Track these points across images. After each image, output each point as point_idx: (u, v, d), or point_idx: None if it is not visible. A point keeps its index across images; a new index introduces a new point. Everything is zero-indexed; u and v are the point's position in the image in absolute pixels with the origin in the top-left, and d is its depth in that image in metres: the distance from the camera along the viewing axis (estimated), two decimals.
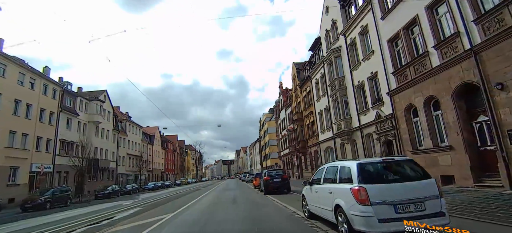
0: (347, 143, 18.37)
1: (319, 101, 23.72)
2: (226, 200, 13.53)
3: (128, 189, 31.87)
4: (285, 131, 38.02)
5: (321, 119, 23.53)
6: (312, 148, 26.26)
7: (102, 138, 36.40)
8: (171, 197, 19.45)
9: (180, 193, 24.83)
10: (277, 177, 14.72)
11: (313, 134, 25.95)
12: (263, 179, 15.42)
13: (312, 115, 25.64)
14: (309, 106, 26.53)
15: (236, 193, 17.84)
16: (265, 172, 15.74)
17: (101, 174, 36.25)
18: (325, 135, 22.73)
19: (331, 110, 20.91)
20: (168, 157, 72.43)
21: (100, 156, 35.57)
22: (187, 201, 14.64)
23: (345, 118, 18.09)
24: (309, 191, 6.33)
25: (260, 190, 16.98)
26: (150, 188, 38.71)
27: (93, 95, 36.48)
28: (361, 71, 16.31)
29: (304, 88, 27.86)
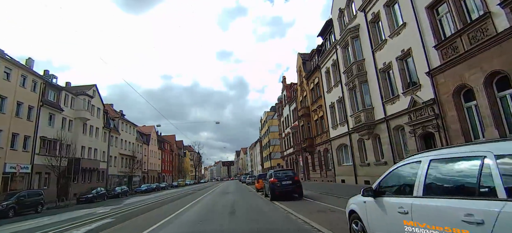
0: (367, 138, 15.50)
1: (330, 92, 20.86)
2: (223, 208, 10.69)
3: (117, 191, 28.96)
4: (289, 128, 35.15)
5: (333, 113, 20.66)
6: (321, 146, 23.39)
7: (91, 136, 33.52)
8: (159, 202, 16.61)
9: (173, 196, 21.97)
10: (287, 179, 11.86)
11: (323, 130, 23.08)
12: (268, 182, 12.55)
13: (321, 110, 22.78)
14: (317, 100, 23.67)
15: (235, 198, 14.98)
16: (271, 172, 12.83)
17: (89, 175, 33.38)
18: (337, 131, 19.87)
19: (346, 102, 18.06)
20: (165, 158, 69.50)
21: (88, 156, 32.69)
22: (175, 208, 11.84)
23: (365, 109, 15.23)
24: (374, 208, 3.35)
25: (265, 194, 14.11)
26: (142, 190, 35.75)
27: (81, 90, 33.64)
28: (388, 51, 13.47)
29: (311, 80, 25.01)
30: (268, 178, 12.98)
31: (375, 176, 15.25)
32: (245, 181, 40.54)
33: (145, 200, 19.36)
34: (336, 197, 11.40)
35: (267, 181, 13.11)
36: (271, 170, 13.09)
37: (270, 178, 12.43)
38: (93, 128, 34.01)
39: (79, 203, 22.44)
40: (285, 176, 12.04)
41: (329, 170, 22.16)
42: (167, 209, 12.19)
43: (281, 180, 11.82)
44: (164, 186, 47.12)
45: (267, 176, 13.78)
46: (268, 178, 12.98)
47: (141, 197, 24.51)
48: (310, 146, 25.39)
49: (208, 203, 14.33)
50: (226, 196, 17.27)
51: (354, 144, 17.39)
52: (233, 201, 13.11)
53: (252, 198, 14.23)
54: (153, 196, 24.35)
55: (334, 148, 20.53)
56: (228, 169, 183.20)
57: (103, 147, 36.67)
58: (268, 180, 13.02)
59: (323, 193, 13.41)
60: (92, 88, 34.89)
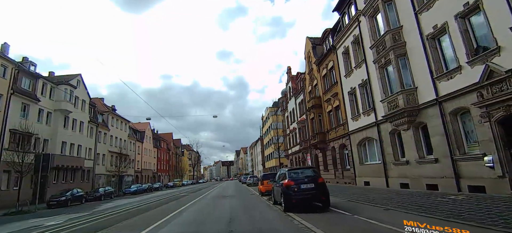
0: (406, 128, 11.95)
1: (349, 76, 17.34)
2: (217, 221, 7.24)
3: (100, 193, 25.41)
4: (295, 123, 31.63)
5: (354, 100, 17.14)
6: (336, 142, 19.85)
7: (74, 131, 29.99)
8: (142, 208, 13.16)
9: (162, 199, 18.48)
10: (307, 181, 8.33)
11: (338, 123, 19.54)
12: (281, 185, 9.00)
13: (337, 99, 19.24)
14: (331, 88, 20.13)
15: (235, 205, 11.50)
16: (285, 172, 9.15)
17: (72, 174, 29.87)
18: (359, 122, 16.33)
19: (373, 85, 14.56)
20: (162, 157, 66.01)
21: (70, 152, 29.18)
22: (156, 218, 8.55)
23: (404, 91, 11.69)
24: None
25: (274, 201, 10.59)
26: (131, 191, 32.18)
27: (63, 79, 30.13)
28: (440, 9, 9.96)
29: (324, 65, 21.47)
30: (280, 180, 9.43)
31: (417, 177, 11.75)
32: (246, 181, 36.99)
33: (129, 204, 15.85)
34: (378, 207, 7.94)
35: (278, 183, 9.56)
36: (284, 169, 9.43)
37: (283, 179, 8.88)
38: (76, 122, 30.47)
39: (50, 207, 18.95)
40: (305, 177, 8.50)
41: (347, 169, 18.64)
42: (153, 215, 8.82)
43: (299, 182, 8.29)
44: (157, 186, 43.52)
45: (278, 177, 10.21)
46: (280, 180, 9.43)
47: (124, 201, 20.96)
48: (321, 142, 21.84)
49: (202, 209, 10.86)
50: (223, 202, 13.73)
51: (385, 137, 13.85)
52: (232, 212, 9.56)
53: (257, 207, 10.69)
54: (138, 199, 20.80)
55: (354, 143, 16.99)
56: (228, 169, 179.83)
57: (88, 143, 33.14)
58: (279, 182, 9.48)
59: (353, 200, 9.91)
60: (76, 78, 31.36)
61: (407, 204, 8.06)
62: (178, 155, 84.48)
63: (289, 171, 8.90)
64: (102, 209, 15.09)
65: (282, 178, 9.15)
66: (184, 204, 13.50)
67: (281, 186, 8.79)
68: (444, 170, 10.19)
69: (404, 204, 8.12)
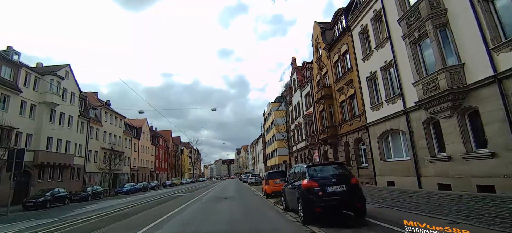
0: (448, 116, 9.64)
1: (367, 59, 15.01)
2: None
3: (88, 192, 23.17)
4: (300, 118, 29.35)
5: (374, 87, 14.84)
6: (350, 136, 17.55)
7: (61, 125, 27.74)
8: (123, 214, 10.90)
9: (153, 201, 16.28)
10: (336, 182, 6.04)
11: (353, 114, 17.23)
12: (297, 187, 6.68)
13: (352, 87, 16.92)
14: (345, 75, 17.80)
15: (235, 208, 9.34)
16: (304, 169, 6.58)
17: (60, 172, 27.67)
18: (381, 112, 14.01)
19: (400, 66, 12.26)
20: (160, 154, 63.78)
21: (57, 149, 26.92)
22: (136, 226, 6.22)
23: (446, 68, 9.36)
24: None
25: (285, 206, 8.32)
26: (124, 191, 29.93)
27: (49, 70, 27.86)
28: None
29: (335, 50, 19.13)
30: (295, 180, 7.12)
31: (463, 176, 9.43)
32: (247, 180, 34.73)
33: (106, 210, 13.53)
34: (435, 219, 5.62)
35: (292, 184, 7.25)
36: (302, 165, 6.89)
37: (301, 178, 6.56)
38: (64, 116, 28.21)
39: (27, 210, 16.74)
40: (333, 177, 6.21)
41: (363, 167, 16.35)
42: (134, 222, 6.61)
43: (325, 184, 6.00)
44: (154, 185, 41.31)
45: (291, 176, 7.85)
46: (295, 180, 7.12)
47: (112, 202, 18.73)
48: (332, 137, 19.53)
49: (194, 215, 8.61)
50: (221, 205, 11.45)
51: (417, 127, 11.52)
52: (231, 223, 7.29)
53: (264, 215, 8.40)
54: (127, 201, 18.54)
55: (374, 136, 14.68)
56: (228, 167, 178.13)
57: (79, 139, 30.88)
58: (293, 183, 7.16)
59: (388, 206, 7.62)
60: (64, 69, 29.07)
61: (480, 214, 5.68)
62: (177, 152, 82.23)
63: (309, 168, 6.55)
64: (78, 213, 12.83)
65: (299, 177, 6.83)
66: (176, 207, 11.25)
67: (298, 189, 6.48)
68: (505, 167, 7.89)
69: (473, 214, 5.77)
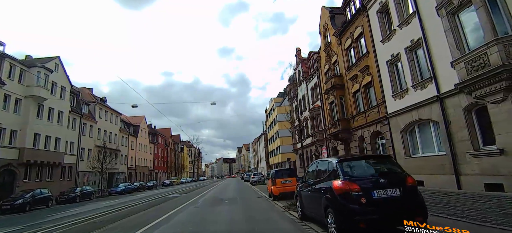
0: (499, 100, 7.69)
1: (389, 40, 13.03)
2: None
3: (76, 193, 21.31)
4: (306, 112, 27.41)
5: (396, 72, 12.89)
6: (366, 129, 15.61)
7: (50, 121, 25.91)
8: (101, 220, 8.99)
9: (145, 203, 14.41)
10: (386, 184, 4.08)
11: (369, 105, 15.28)
12: (324, 190, 4.70)
13: (368, 73, 14.96)
14: (360, 61, 15.83)
15: (236, 216, 7.54)
16: (335, 164, 4.50)
17: (49, 171, 25.88)
18: (406, 100, 12.05)
19: (431, 43, 10.31)
20: (159, 153, 61.98)
21: (45, 146, 25.12)
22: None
23: (499, 39, 7.41)
24: None
25: (300, 213, 6.41)
26: (118, 191, 28.07)
27: (37, 62, 26.00)
28: None
29: (348, 34, 17.16)
30: (318, 180, 5.13)
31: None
32: (249, 179, 32.82)
33: (87, 214, 11.66)
34: None
35: (314, 187, 5.27)
36: (328, 160, 4.85)
37: (331, 178, 4.56)
38: (53, 111, 26.37)
39: (4, 213, 14.91)
40: (380, 176, 4.24)
41: None
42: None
43: (369, 187, 4.05)
44: (151, 184, 39.50)
45: (310, 174, 5.82)
46: (318, 180, 5.13)
47: (100, 204, 16.87)
48: (344, 131, 17.57)
49: (185, 223, 6.73)
50: (219, 212, 9.52)
51: (455, 116, 9.56)
52: (231, 228, 5.35)
53: (275, 226, 6.47)
54: (117, 202, 16.65)
55: (396, 129, 12.72)
56: (230, 166, 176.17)
57: (70, 136, 29.05)
58: (316, 185, 5.17)
59: (439, 215, 5.65)
60: (53, 61, 27.22)
61: None
62: (177, 151, 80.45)
63: (342, 163, 4.56)
64: (53, 219, 10.96)
65: (325, 176, 4.86)
66: (165, 213, 9.37)
67: (326, 193, 4.52)
68: None
69: None
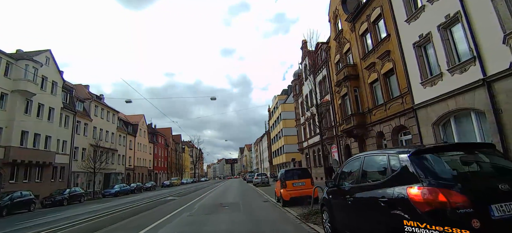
0: None
1: (415, 19, 11.16)
2: None
3: (64, 196, 19.59)
4: (313, 108, 25.52)
5: (425, 55, 11.02)
6: (385, 124, 13.75)
7: (40, 118, 24.26)
8: (77, 230, 7.21)
9: (133, 208, 12.68)
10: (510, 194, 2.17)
11: (390, 95, 13.41)
12: (402, 204, 2.68)
13: (389, 60, 13.10)
14: (378, 46, 13.97)
15: (237, 228, 5.71)
16: (407, 158, 2.73)
17: (38, 171, 24.21)
18: (441, 86, 10.16)
19: (474, 17, 8.45)
20: (159, 153, 60.33)
21: (34, 145, 23.48)
22: None
23: None
24: None
25: (329, 228, 4.54)
26: (112, 193, 26.35)
27: (25, 55, 24.39)
28: None
29: (363, 18, 15.32)
30: (375, 185, 3.24)
31: None
32: (252, 180, 30.98)
33: (62, 221, 9.90)
34: None
35: (361, 196, 3.41)
36: (389, 151, 3.12)
37: (406, 183, 2.65)
38: (43, 108, 24.72)
39: None
40: (503, 182, 2.37)
41: None
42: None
43: (486, 200, 2.20)
44: (149, 186, 37.80)
45: (348, 175, 3.97)
46: (375, 185, 3.24)
47: (85, 208, 15.11)
48: (359, 126, 15.71)
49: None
50: (216, 222, 7.68)
51: (508, 103, 7.69)
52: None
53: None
54: (104, 207, 14.86)
55: (426, 122, 10.85)
56: (232, 166, 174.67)
57: (62, 135, 27.40)
58: (366, 197, 3.27)
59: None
60: (43, 54, 25.60)
61: None
62: (178, 151, 78.79)
63: (423, 156, 2.65)
64: (19, 228, 9.19)
65: (388, 178, 2.95)
66: (152, 222, 7.58)
67: (394, 207, 2.67)
68: None
69: None
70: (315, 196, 8.38)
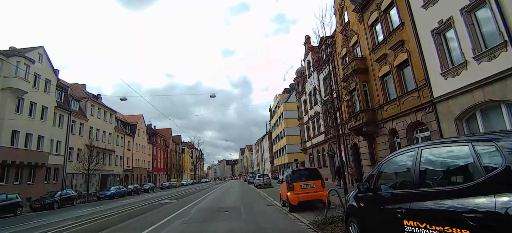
0: None
1: (434, 3, 10.09)
2: None
3: (55, 198, 18.55)
4: (317, 106, 24.47)
5: (445, 43, 9.97)
6: (399, 121, 12.69)
7: (32, 117, 23.26)
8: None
9: (124, 213, 11.63)
10: None
11: (404, 89, 12.37)
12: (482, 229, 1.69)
13: (403, 50, 12.06)
14: (391, 36, 12.92)
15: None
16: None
17: (30, 173, 23.20)
18: (465, 76, 9.10)
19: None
20: (158, 154, 59.31)
21: (26, 145, 22.48)
22: None
23: None
24: None
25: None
26: (107, 195, 25.28)
27: (17, 51, 23.42)
28: None
29: (372, 7, 14.29)
30: (449, 193, 2.08)
31: None
32: (254, 181, 29.90)
33: (43, 227, 8.85)
34: None
35: (416, 212, 2.32)
36: (480, 141, 2.00)
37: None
38: (35, 106, 23.72)
39: None
40: None
41: None
42: None
43: None
44: (147, 187, 36.75)
45: (410, 181, 2.49)
46: (449, 193, 2.08)
47: (73, 213, 14.05)
48: (369, 124, 14.65)
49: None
50: (214, 230, 6.62)
51: None
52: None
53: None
54: (94, 211, 13.79)
55: (449, 116, 9.79)
56: (232, 167, 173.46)
57: (56, 135, 26.39)
58: (435, 208, 2.11)
59: None
60: (36, 51, 24.63)
61: None
62: (178, 152, 77.74)
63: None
64: None
65: (500, 179, 1.85)
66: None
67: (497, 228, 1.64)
68: None
69: None
70: (326, 200, 7.33)
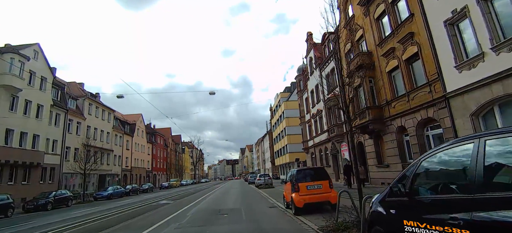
0: None
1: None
2: None
3: (48, 199, 17.93)
4: (320, 104, 23.86)
5: (459, 34, 9.36)
6: (408, 117, 12.09)
7: (27, 116, 22.68)
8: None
9: (116, 214, 11.10)
10: None
11: (414, 84, 11.77)
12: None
13: (413, 43, 11.45)
14: (399, 29, 12.31)
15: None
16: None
17: (25, 172, 22.60)
18: (482, 69, 8.50)
19: None
20: (158, 153, 58.69)
21: (20, 144, 21.89)
22: None
23: None
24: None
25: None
26: (105, 196, 24.66)
27: (12, 48, 22.80)
28: None
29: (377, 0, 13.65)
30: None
31: None
32: (254, 181, 29.28)
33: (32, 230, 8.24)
34: None
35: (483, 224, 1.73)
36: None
37: None
38: (31, 104, 23.13)
39: None
40: None
41: None
42: None
43: None
44: (146, 187, 36.15)
45: (473, 182, 1.88)
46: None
47: (64, 215, 13.42)
48: (375, 121, 14.04)
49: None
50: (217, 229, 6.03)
51: None
52: None
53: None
54: (87, 213, 13.16)
55: (464, 112, 9.18)
56: (233, 167, 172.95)
57: (52, 134, 25.79)
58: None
59: None
60: (31, 47, 24.01)
61: None
62: (178, 152, 77.15)
63: None
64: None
65: None
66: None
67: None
68: None
69: None
70: (334, 203, 6.77)
